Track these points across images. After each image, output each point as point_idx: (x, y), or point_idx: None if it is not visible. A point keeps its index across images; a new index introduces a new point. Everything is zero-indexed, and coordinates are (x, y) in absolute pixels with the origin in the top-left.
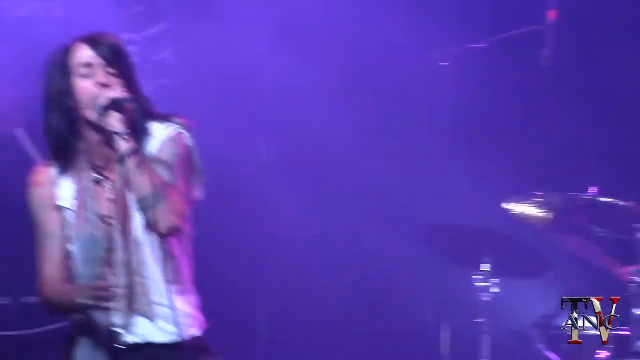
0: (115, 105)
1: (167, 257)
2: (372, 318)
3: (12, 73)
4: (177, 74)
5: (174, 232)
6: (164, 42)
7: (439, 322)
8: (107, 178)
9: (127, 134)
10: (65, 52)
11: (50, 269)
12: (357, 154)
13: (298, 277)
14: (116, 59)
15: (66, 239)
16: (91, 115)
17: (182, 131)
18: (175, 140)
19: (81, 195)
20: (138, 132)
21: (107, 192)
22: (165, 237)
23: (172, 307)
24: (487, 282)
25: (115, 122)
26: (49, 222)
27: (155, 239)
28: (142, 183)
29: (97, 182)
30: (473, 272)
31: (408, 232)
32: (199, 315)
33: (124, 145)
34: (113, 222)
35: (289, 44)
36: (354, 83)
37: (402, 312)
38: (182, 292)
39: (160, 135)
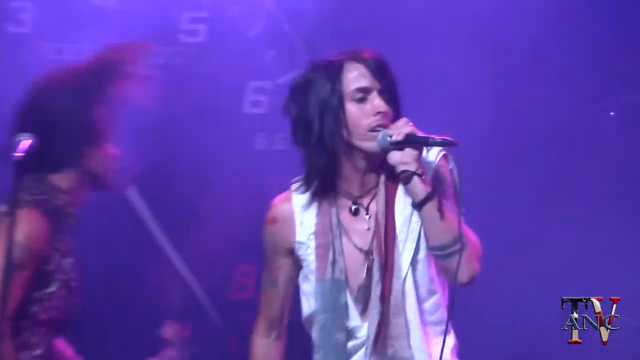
0: (410, 142)
1: (430, 295)
2: None
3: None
4: None
5: (474, 279)
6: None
7: None
8: (365, 208)
9: (423, 173)
10: (336, 70)
11: (263, 317)
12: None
13: None
14: (389, 81)
15: (293, 283)
16: (368, 145)
17: (445, 152)
18: (443, 165)
19: (325, 233)
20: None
21: (364, 223)
22: (465, 285)
23: (427, 353)
24: None
25: (409, 160)
26: (275, 269)
27: (421, 275)
28: (442, 229)
29: (355, 212)
30: None
31: None
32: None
33: (420, 187)
34: (372, 256)
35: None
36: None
37: None
38: (440, 334)
39: (432, 164)
